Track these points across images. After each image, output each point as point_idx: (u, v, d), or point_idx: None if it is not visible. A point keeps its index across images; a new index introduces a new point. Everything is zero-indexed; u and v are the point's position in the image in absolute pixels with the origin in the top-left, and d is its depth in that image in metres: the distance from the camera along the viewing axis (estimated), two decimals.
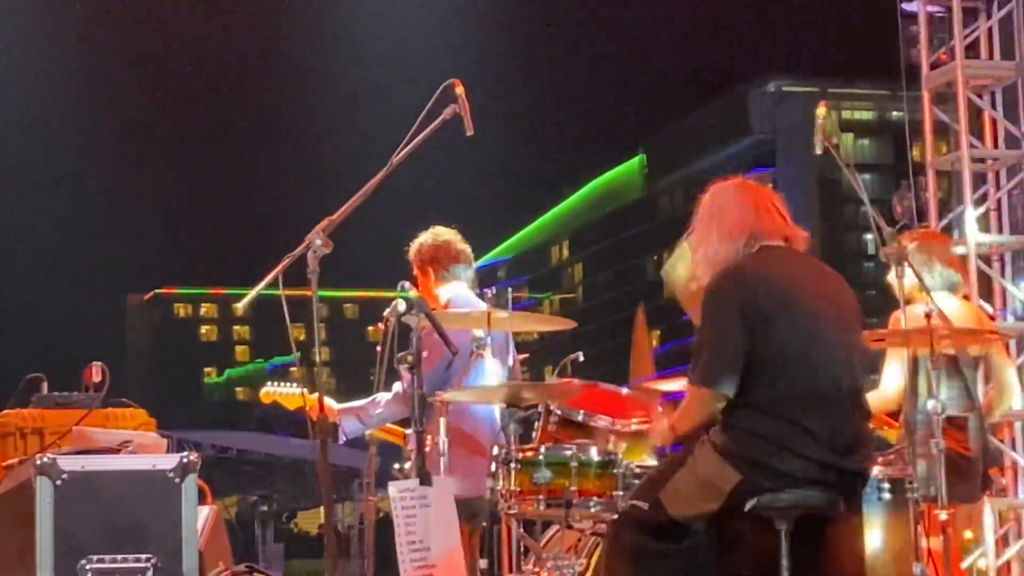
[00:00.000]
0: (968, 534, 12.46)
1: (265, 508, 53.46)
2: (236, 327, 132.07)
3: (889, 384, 7.24)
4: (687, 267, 5.85)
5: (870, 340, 6.91)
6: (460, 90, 5.90)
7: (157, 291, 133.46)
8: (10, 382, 6.73)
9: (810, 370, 5.45)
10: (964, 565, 12.55)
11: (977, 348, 7.36)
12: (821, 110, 6.40)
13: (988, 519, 12.26)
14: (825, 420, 5.41)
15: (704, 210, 5.78)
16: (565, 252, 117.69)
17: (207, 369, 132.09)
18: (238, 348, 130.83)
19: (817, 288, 5.64)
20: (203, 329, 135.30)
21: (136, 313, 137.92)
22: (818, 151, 6.40)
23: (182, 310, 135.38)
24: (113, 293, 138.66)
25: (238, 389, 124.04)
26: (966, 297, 7.67)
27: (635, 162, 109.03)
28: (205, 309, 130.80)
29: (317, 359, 5.63)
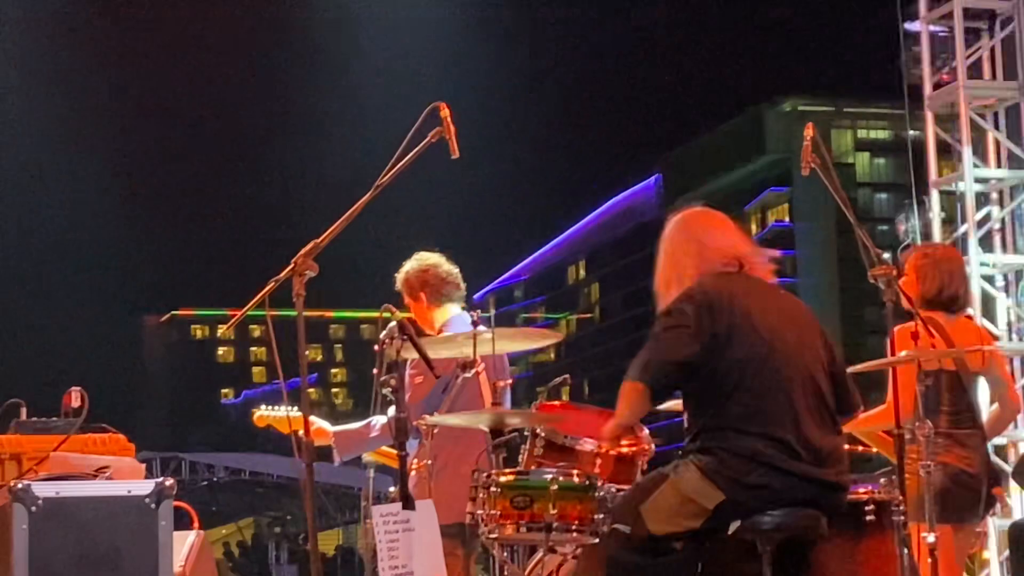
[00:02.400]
0: (985, 554, 12.44)
1: (279, 530, 53.62)
2: (253, 348, 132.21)
3: (891, 402, 7.22)
4: None
5: (867, 368, 6.92)
6: (445, 113, 5.91)
7: (174, 312, 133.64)
8: (31, 401, 6.72)
9: (775, 385, 5.46)
10: None
11: (979, 364, 7.33)
12: (808, 132, 6.37)
13: (994, 541, 12.23)
14: (799, 433, 5.41)
15: (662, 251, 5.87)
16: (582, 272, 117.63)
17: (224, 390, 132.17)
18: (255, 369, 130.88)
19: (773, 306, 5.66)
20: (220, 350, 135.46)
21: (153, 335, 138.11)
22: (804, 173, 6.37)
23: (199, 331, 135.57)
24: (130, 314, 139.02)
25: (255, 411, 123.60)
26: (969, 317, 7.63)
27: (651, 182, 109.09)
28: (222, 331, 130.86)
29: (304, 380, 5.59)
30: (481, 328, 6.50)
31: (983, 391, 7.53)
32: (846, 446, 5.74)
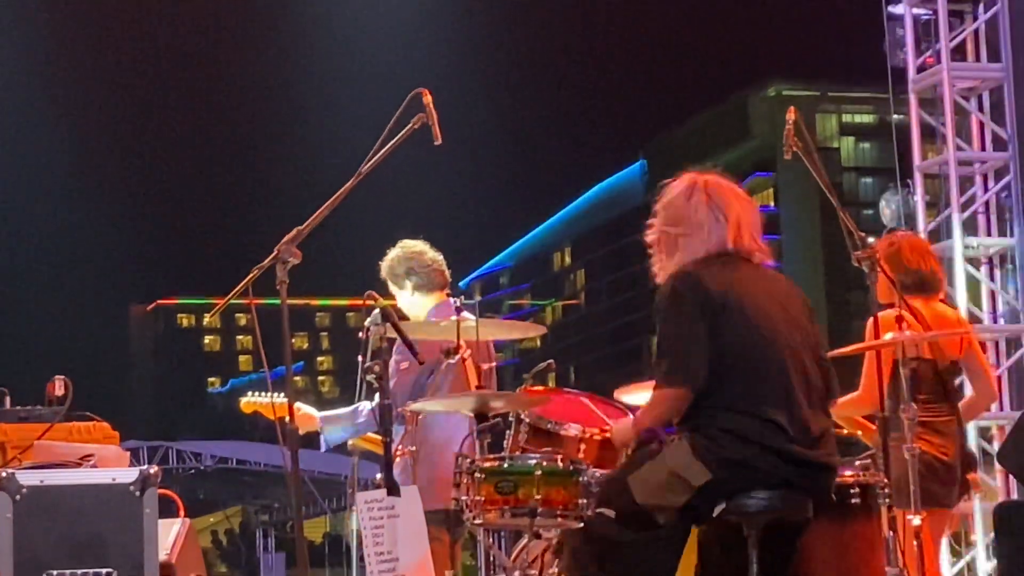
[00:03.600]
0: (972, 536, 12.47)
1: (266, 518, 53.64)
2: (239, 337, 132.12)
3: (866, 387, 7.24)
4: None
5: (847, 352, 6.94)
6: (428, 99, 5.90)
7: (160, 301, 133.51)
8: (18, 391, 6.71)
9: (767, 366, 5.46)
10: (955, 569, 12.56)
11: (956, 351, 7.35)
12: (790, 116, 6.37)
13: (979, 524, 12.26)
14: (790, 414, 5.41)
15: (680, 200, 5.78)
16: (567, 258, 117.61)
17: (211, 379, 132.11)
18: (241, 358, 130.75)
19: (764, 289, 5.65)
20: (206, 339, 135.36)
21: (139, 324, 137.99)
22: (787, 156, 6.37)
23: (185, 320, 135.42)
24: (115, 304, 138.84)
25: (242, 398, 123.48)
26: (942, 300, 7.65)
27: (636, 168, 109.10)
28: (208, 319, 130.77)
29: (288, 368, 5.60)
30: (465, 315, 6.50)
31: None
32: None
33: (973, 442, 12.20)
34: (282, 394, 7.54)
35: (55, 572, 5.30)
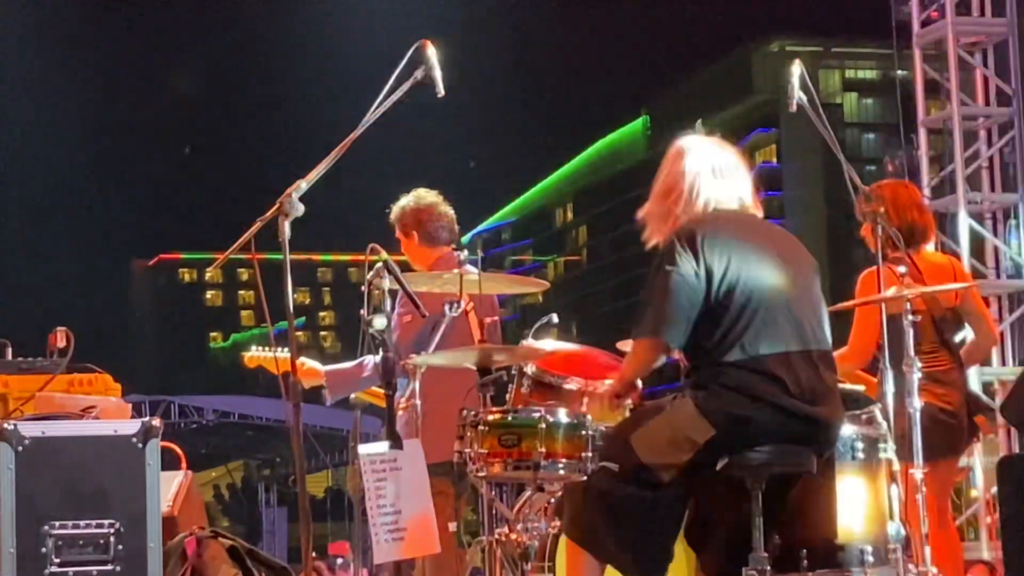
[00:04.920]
0: (973, 492, 12.48)
1: (268, 472, 53.75)
2: (241, 292, 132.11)
3: (858, 341, 7.25)
4: None
5: (849, 307, 6.93)
6: (431, 51, 5.85)
7: (162, 256, 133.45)
8: (19, 343, 6.68)
9: (772, 322, 5.45)
10: (956, 523, 12.58)
11: (951, 298, 7.35)
12: (796, 68, 6.33)
13: (979, 479, 12.27)
14: (793, 370, 5.41)
15: (668, 169, 5.77)
16: (569, 215, 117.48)
17: (213, 334, 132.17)
18: (243, 313, 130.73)
19: (769, 243, 5.65)
20: (208, 294, 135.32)
21: (141, 278, 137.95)
22: (792, 109, 6.34)
23: (187, 275, 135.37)
24: (118, 258, 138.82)
25: (245, 352, 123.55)
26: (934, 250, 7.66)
27: (638, 123, 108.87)
28: (210, 274, 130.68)
29: (291, 322, 5.56)
30: (468, 268, 6.48)
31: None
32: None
33: None
34: (284, 348, 7.53)
35: (57, 523, 5.30)
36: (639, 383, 5.95)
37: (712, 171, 5.70)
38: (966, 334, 7.61)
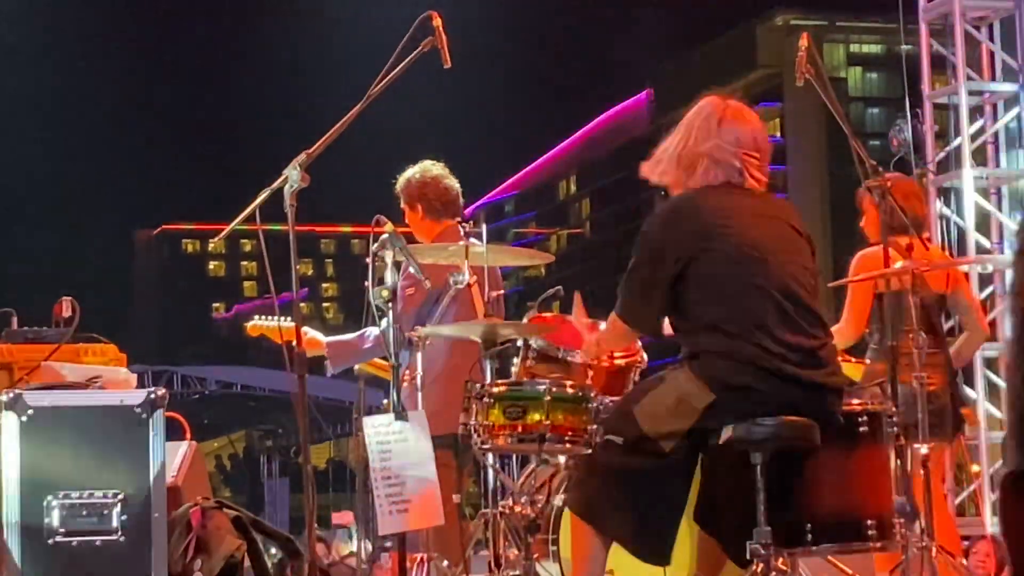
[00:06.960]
0: (975, 467, 12.48)
1: (270, 443, 53.84)
2: (244, 263, 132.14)
3: (851, 317, 7.27)
4: None
5: (852, 282, 6.94)
6: (437, 22, 5.86)
7: (165, 227, 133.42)
8: (24, 312, 6.68)
9: (754, 292, 5.44)
10: (959, 499, 12.59)
11: (942, 285, 7.38)
12: (803, 42, 6.33)
13: (984, 453, 12.26)
14: (789, 336, 5.40)
15: (690, 122, 5.75)
16: (572, 187, 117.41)
17: (215, 305, 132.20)
18: (246, 284, 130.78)
19: (761, 218, 5.62)
20: (211, 265, 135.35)
21: (144, 249, 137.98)
22: (799, 83, 6.33)
23: (190, 246, 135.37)
24: (121, 229, 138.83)
25: (248, 322, 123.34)
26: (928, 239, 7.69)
27: (642, 96, 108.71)
28: (213, 245, 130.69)
29: (296, 292, 5.55)
30: (473, 240, 6.47)
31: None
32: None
33: (979, 373, 12.21)
34: (288, 318, 7.53)
35: (62, 493, 5.32)
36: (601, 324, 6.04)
37: (731, 132, 5.65)
38: (952, 322, 7.67)
